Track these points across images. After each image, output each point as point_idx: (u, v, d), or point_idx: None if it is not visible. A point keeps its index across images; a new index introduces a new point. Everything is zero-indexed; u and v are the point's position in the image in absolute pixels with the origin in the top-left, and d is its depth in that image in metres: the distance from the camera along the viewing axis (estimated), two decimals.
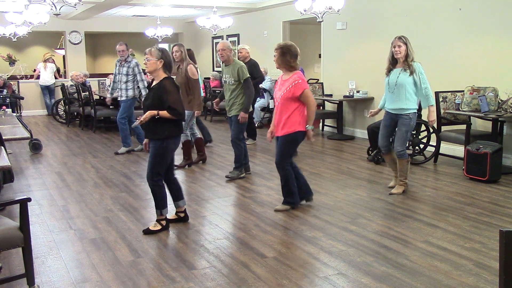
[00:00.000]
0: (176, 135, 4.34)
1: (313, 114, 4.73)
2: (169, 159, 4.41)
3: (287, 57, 4.72)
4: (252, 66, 8.63)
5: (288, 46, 4.75)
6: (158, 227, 4.40)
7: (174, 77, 8.48)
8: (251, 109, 6.22)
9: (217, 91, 11.84)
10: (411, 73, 5.19)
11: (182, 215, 4.65)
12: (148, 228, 4.42)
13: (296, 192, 4.98)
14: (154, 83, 4.31)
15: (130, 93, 7.69)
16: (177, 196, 4.60)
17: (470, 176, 6.09)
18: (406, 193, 5.56)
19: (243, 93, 6.05)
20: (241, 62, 6.18)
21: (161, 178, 4.36)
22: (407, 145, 7.21)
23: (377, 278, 3.46)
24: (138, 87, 7.76)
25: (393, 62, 5.33)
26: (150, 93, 4.31)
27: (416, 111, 5.42)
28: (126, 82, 7.75)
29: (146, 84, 7.62)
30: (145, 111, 4.25)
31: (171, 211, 4.61)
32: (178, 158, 7.08)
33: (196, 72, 6.70)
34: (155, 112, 4.16)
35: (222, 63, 6.26)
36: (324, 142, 9.06)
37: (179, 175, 6.62)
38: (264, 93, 10.58)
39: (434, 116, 5.27)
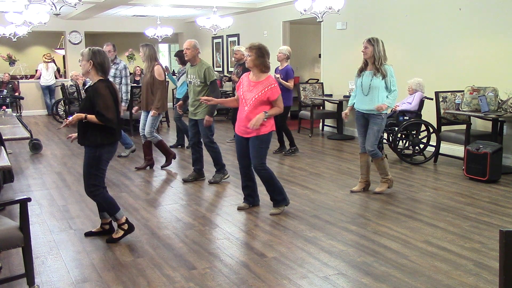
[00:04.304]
0: (109, 143, 4.06)
1: (276, 113, 4.80)
2: (105, 168, 4.15)
3: (265, 58, 4.73)
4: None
5: (265, 47, 4.76)
6: (121, 233, 4.22)
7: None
8: (216, 113, 6.03)
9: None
10: (383, 77, 5.26)
11: (107, 227, 4.39)
12: (111, 236, 4.23)
13: (282, 187, 4.98)
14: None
15: None
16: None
17: (470, 176, 6.09)
18: (391, 189, 5.63)
19: (208, 95, 5.79)
20: (208, 63, 6.00)
21: (98, 187, 4.09)
22: (408, 145, 7.26)
23: (377, 278, 3.46)
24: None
25: (366, 63, 5.41)
26: (86, 95, 4.09)
27: (386, 112, 5.43)
28: None
29: (129, 89, 7.51)
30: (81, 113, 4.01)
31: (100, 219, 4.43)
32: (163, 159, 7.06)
33: (162, 73, 6.65)
34: (83, 115, 3.91)
35: (188, 62, 6.03)
36: (324, 142, 9.06)
37: (179, 175, 6.62)
38: None
39: (383, 108, 5.24)
